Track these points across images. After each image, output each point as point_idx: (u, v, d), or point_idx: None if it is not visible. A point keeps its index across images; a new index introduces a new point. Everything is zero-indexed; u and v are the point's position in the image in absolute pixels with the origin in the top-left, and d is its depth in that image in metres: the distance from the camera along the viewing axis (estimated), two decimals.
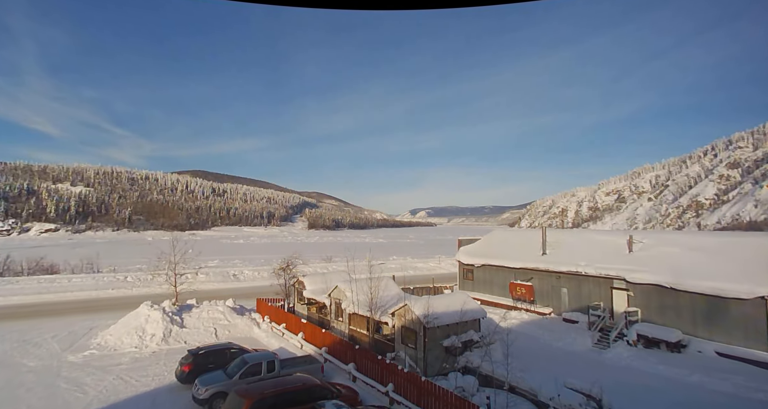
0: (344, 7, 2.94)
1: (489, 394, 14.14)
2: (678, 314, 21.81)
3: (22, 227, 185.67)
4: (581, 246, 29.34)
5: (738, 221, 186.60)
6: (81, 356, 20.69)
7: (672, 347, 20.71)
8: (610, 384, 15.04)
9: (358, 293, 21.41)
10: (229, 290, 41.54)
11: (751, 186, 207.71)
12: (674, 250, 24.45)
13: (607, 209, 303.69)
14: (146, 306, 24.73)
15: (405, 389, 15.09)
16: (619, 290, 24.63)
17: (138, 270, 51.39)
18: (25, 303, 34.10)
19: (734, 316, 19.82)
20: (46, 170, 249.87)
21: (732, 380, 16.66)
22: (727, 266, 21.13)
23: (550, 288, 28.66)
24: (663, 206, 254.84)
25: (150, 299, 27.14)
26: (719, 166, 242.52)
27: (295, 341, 23.03)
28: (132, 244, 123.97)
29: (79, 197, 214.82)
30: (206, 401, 14.96)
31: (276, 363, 16.77)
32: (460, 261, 36.11)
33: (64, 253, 74.23)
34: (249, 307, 29.69)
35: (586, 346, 22.54)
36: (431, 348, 18.20)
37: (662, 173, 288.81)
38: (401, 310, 19.32)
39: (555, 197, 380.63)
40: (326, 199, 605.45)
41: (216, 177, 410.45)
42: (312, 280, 28.36)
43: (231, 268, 57.57)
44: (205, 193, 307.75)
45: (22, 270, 49.13)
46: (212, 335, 24.21)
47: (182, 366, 17.36)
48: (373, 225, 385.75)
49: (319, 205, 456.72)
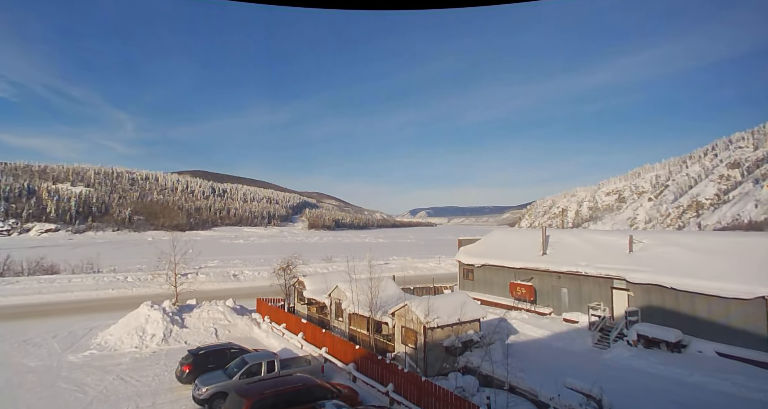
0: (344, 7, 2.94)
1: (489, 394, 14.13)
2: (678, 314, 21.80)
3: (22, 227, 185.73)
4: (581, 246, 29.33)
5: (738, 221, 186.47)
6: (81, 356, 20.70)
7: (672, 347, 20.70)
8: (610, 384, 15.04)
9: (358, 293, 21.42)
10: (229, 290, 41.55)
11: (751, 186, 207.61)
12: (674, 250, 24.45)
13: (607, 208, 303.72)
14: (146, 306, 24.74)
15: (405, 389, 15.08)
16: (619, 290, 24.63)
17: (138, 270, 51.44)
18: (25, 303, 34.12)
19: (734, 316, 19.81)
20: (46, 170, 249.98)
21: (732, 380, 16.65)
22: (727, 266, 21.13)
23: (550, 288, 28.66)
24: (663, 205, 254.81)
25: (150, 299, 27.15)
26: (719, 166, 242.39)
27: (296, 341, 23.03)
28: (132, 244, 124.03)
29: (79, 197, 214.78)
30: (206, 401, 14.97)
31: (276, 363, 16.78)
32: (460, 261, 36.11)
33: (64, 253, 74.28)
34: (249, 307, 29.70)
35: (586, 346, 22.54)
36: (431, 348, 18.20)
37: (662, 173, 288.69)
38: (401, 310, 19.32)
39: (555, 197, 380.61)
40: (326, 199, 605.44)
41: (216, 177, 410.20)
42: (312, 280, 28.38)
43: (231, 268, 57.58)
44: (205, 193, 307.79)
45: (23, 270, 49.13)
46: (212, 335, 24.22)
47: (182, 366, 17.37)
48: (373, 225, 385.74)
49: (319, 205, 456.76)
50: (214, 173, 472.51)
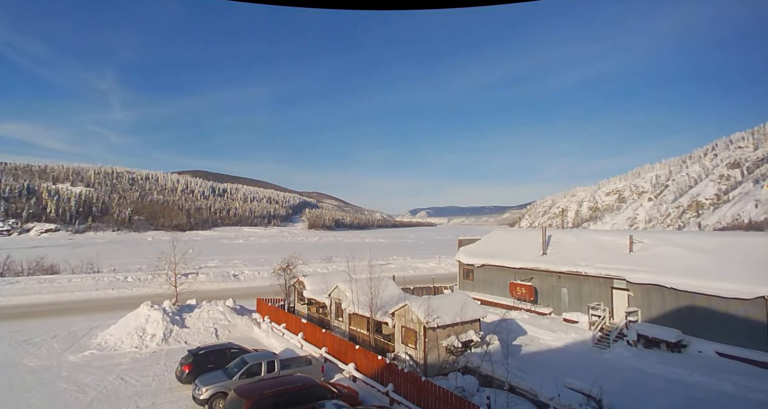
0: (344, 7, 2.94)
1: (489, 394, 14.12)
2: (678, 314, 21.80)
3: (22, 227, 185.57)
4: (581, 246, 29.33)
5: (738, 221, 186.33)
6: (81, 356, 20.69)
7: (672, 347, 20.70)
8: (610, 384, 15.03)
9: (358, 293, 21.42)
10: (229, 290, 41.53)
11: (751, 186, 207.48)
12: (674, 250, 24.45)
13: (607, 208, 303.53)
14: (146, 306, 24.74)
15: (405, 389, 15.08)
16: (619, 290, 24.63)
17: (138, 270, 51.46)
18: (25, 303, 34.11)
19: (734, 316, 19.81)
20: (46, 170, 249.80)
21: (732, 380, 16.65)
22: (727, 266, 21.13)
23: (550, 288, 28.65)
24: (663, 205, 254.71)
25: (150, 299, 27.15)
26: (719, 166, 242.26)
27: (295, 341, 23.03)
28: (132, 244, 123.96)
29: (80, 197, 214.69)
30: (206, 401, 14.97)
31: (276, 363, 16.78)
32: (460, 261, 36.10)
33: (64, 253, 74.26)
34: (249, 307, 29.70)
35: (586, 346, 22.54)
36: (431, 348, 18.20)
37: (662, 173, 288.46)
38: (401, 310, 19.31)
39: (555, 197, 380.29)
40: (326, 199, 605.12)
41: (216, 177, 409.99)
42: (312, 280, 28.37)
43: (231, 268, 57.58)
44: (205, 193, 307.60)
45: (23, 270, 49.11)
46: (212, 335, 24.22)
47: (182, 366, 17.37)
48: (373, 225, 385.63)
49: (319, 205, 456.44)
50: (214, 173, 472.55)
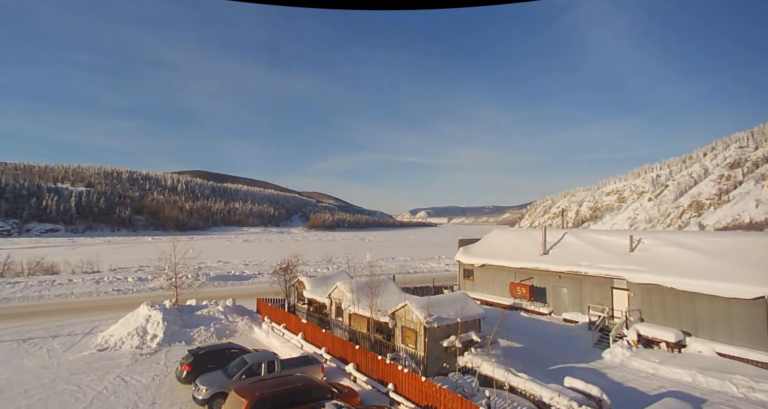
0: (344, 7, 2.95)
1: (489, 394, 14.13)
2: (678, 314, 21.81)
3: (23, 227, 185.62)
4: (581, 246, 29.33)
5: (739, 221, 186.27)
6: (81, 356, 20.69)
7: (672, 347, 20.71)
8: (610, 384, 15.06)
9: (358, 293, 21.41)
10: (229, 290, 41.54)
11: (751, 186, 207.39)
12: (674, 250, 24.45)
13: (607, 208, 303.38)
14: (146, 306, 24.74)
15: (405, 389, 15.09)
16: (619, 290, 24.64)
17: (138, 270, 51.49)
18: (25, 303, 34.12)
19: (734, 316, 19.81)
20: (46, 170, 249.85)
21: (732, 380, 16.66)
22: (727, 266, 21.13)
23: (550, 288, 28.66)
24: (663, 205, 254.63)
25: (150, 299, 27.14)
26: (719, 166, 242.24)
27: (295, 341, 23.02)
28: (132, 244, 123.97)
29: (80, 197, 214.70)
30: (206, 401, 14.97)
31: (276, 363, 16.78)
32: (460, 261, 36.10)
33: (64, 253, 74.28)
34: (249, 307, 29.69)
35: (586, 346, 22.55)
36: (431, 348, 18.19)
37: (662, 173, 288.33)
38: (401, 310, 19.32)
39: (555, 197, 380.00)
40: (326, 199, 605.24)
41: (216, 177, 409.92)
42: (312, 280, 28.37)
43: (231, 268, 57.58)
44: (205, 193, 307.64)
45: (23, 270, 49.08)
46: (212, 335, 24.21)
47: (182, 366, 17.36)
48: (373, 225, 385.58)
49: (319, 205, 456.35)
50: (214, 173, 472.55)
